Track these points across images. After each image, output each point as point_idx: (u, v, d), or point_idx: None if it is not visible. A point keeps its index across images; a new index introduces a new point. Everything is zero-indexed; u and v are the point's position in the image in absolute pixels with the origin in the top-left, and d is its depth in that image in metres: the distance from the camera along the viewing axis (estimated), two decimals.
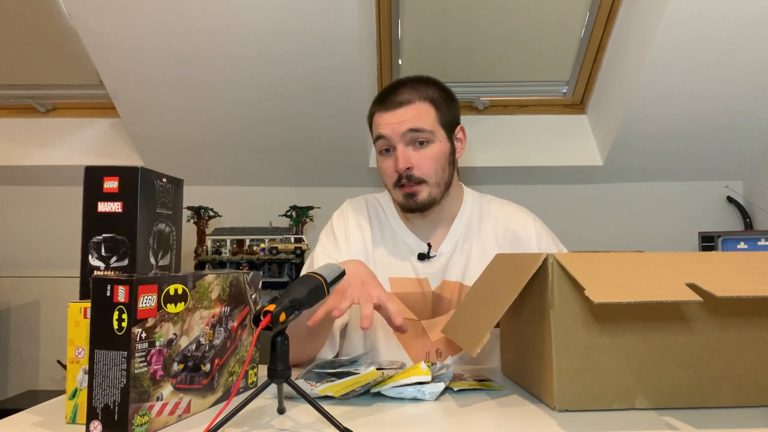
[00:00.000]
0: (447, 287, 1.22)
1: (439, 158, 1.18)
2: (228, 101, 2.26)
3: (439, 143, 1.18)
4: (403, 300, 1.22)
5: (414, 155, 1.16)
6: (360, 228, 1.28)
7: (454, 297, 1.21)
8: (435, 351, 1.20)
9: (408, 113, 1.16)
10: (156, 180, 0.88)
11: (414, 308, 1.21)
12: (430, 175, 1.17)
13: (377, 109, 1.21)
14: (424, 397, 0.88)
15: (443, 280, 1.23)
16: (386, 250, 1.26)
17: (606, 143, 2.41)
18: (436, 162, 1.17)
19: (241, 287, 0.92)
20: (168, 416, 0.76)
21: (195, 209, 2.36)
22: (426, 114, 1.17)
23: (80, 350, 0.78)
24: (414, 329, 1.21)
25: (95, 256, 0.84)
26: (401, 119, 1.16)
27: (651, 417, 0.81)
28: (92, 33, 2.02)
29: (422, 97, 1.18)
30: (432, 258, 1.23)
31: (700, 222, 2.44)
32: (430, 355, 1.20)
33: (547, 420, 0.82)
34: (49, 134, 2.57)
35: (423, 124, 1.16)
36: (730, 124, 2.25)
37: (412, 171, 1.16)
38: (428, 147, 1.17)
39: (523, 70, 2.45)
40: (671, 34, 1.90)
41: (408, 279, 1.23)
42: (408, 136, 1.16)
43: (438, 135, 1.18)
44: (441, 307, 1.21)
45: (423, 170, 1.16)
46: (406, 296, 1.22)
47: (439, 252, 1.24)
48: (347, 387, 0.85)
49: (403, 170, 1.15)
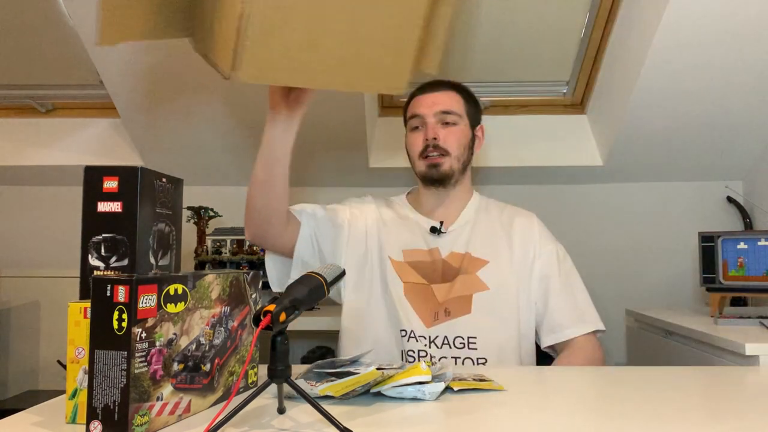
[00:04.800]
0: (454, 256, 1.38)
1: (463, 138, 1.39)
2: (228, 101, 2.26)
3: (464, 127, 1.40)
4: (414, 267, 1.36)
5: (442, 130, 1.37)
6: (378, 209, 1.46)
7: (461, 265, 1.36)
8: (444, 311, 1.32)
9: (442, 96, 1.39)
10: (156, 180, 0.88)
11: (425, 274, 1.36)
12: (453, 148, 1.37)
13: (415, 93, 1.44)
14: (424, 397, 0.88)
15: (451, 251, 1.38)
16: (400, 228, 1.43)
17: (606, 143, 2.41)
18: (459, 140, 1.38)
19: (241, 287, 0.92)
20: (168, 416, 0.76)
21: (195, 209, 2.36)
22: (457, 101, 1.40)
23: (80, 350, 0.78)
24: (424, 293, 1.34)
25: (95, 256, 0.84)
26: (435, 100, 1.38)
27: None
28: (92, 33, 2.02)
29: (455, 88, 1.43)
30: (443, 233, 1.40)
31: (700, 222, 2.43)
32: (439, 315, 1.32)
33: (548, 419, 0.82)
34: (49, 134, 2.56)
35: (454, 108, 1.38)
36: (730, 124, 2.25)
37: (438, 141, 1.36)
38: (455, 126, 1.38)
39: (523, 70, 2.45)
40: (671, 34, 1.90)
41: (419, 250, 1.39)
42: (439, 116, 1.37)
43: (464, 120, 1.40)
44: (448, 273, 1.36)
45: (448, 143, 1.36)
46: (416, 264, 1.37)
47: (450, 230, 1.41)
48: (347, 387, 0.85)
49: (431, 139, 1.35)
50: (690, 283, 2.48)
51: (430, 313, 1.32)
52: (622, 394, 0.95)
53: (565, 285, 1.39)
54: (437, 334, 1.30)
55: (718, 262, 1.84)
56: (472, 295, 1.33)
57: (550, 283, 1.38)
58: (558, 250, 1.43)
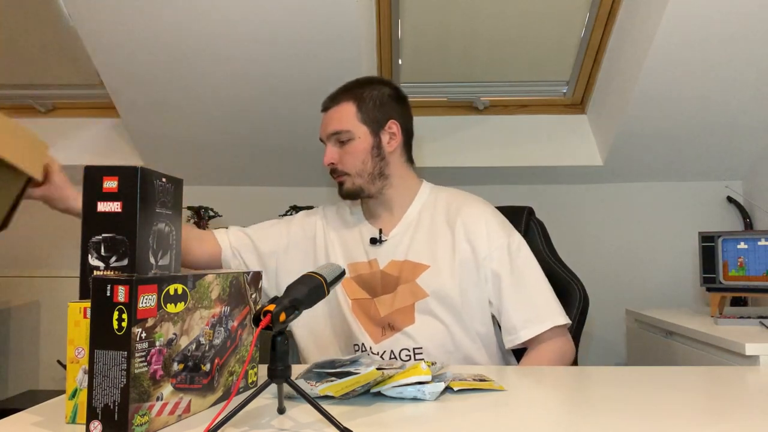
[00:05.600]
0: (393, 265, 1.34)
1: (361, 153, 1.34)
2: (228, 101, 2.26)
3: (360, 139, 1.34)
4: (357, 282, 1.35)
5: (337, 152, 1.35)
6: (325, 221, 1.46)
7: (401, 273, 1.32)
8: (387, 325, 1.31)
9: (334, 114, 1.36)
10: (155, 180, 0.88)
11: (368, 288, 1.34)
12: (351, 168, 1.34)
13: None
14: (424, 397, 0.88)
15: (391, 260, 1.35)
16: (344, 239, 1.42)
17: (606, 143, 2.41)
18: (357, 157, 1.34)
19: (241, 287, 0.92)
20: (168, 416, 0.76)
21: (195, 209, 2.36)
22: (348, 113, 1.35)
23: (80, 350, 0.78)
24: (368, 308, 1.33)
25: (95, 256, 0.84)
26: (327, 120, 1.37)
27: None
28: (92, 33, 2.02)
29: (348, 97, 1.36)
30: (383, 242, 1.37)
31: (700, 222, 2.43)
32: (385, 330, 1.30)
33: (547, 420, 0.82)
34: (49, 134, 2.54)
35: (342, 125, 1.34)
36: (730, 124, 2.25)
37: (336, 166, 1.35)
38: (349, 144, 1.34)
39: (523, 70, 2.45)
40: (671, 34, 1.90)
41: (361, 263, 1.37)
42: (333, 137, 1.35)
43: (359, 131, 1.34)
44: (389, 284, 1.33)
45: (345, 165, 1.34)
46: (359, 278, 1.36)
47: (390, 236, 1.38)
48: (347, 387, 0.85)
49: (327, 165, 1.35)
50: (690, 283, 2.48)
51: (376, 328, 1.31)
52: (622, 394, 0.95)
53: (517, 283, 1.30)
54: (384, 349, 1.29)
55: (719, 262, 1.84)
56: (413, 304, 1.29)
57: (501, 283, 1.30)
58: (510, 243, 1.33)
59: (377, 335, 1.30)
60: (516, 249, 1.33)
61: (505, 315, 1.30)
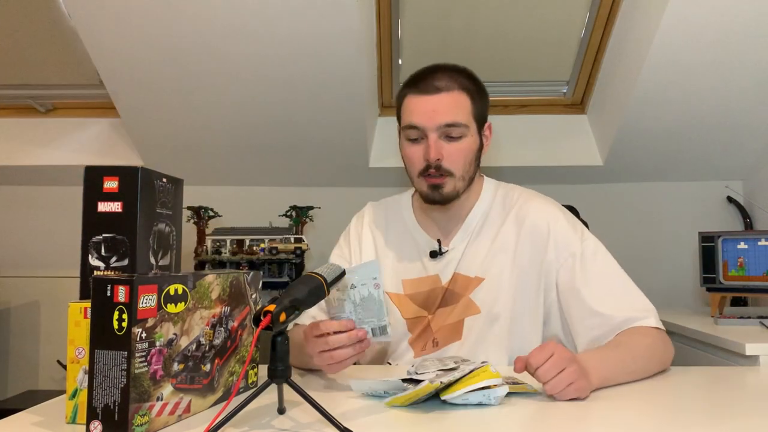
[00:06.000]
0: (459, 281, 1.20)
1: (469, 153, 1.17)
2: (228, 101, 2.26)
3: (471, 137, 1.17)
4: (413, 300, 1.22)
5: (446, 147, 1.14)
6: (373, 233, 1.30)
7: (467, 291, 1.19)
8: (432, 341, 1.20)
9: (444, 101, 1.14)
10: (156, 180, 0.88)
11: (425, 305, 1.21)
12: (458, 169, 1.15)
13: (411, 91, 1.17)
14: (490, 402, 0.85)
15: (455, 273, 1.21)
16: (398, 252, 1.26)
17: (606, 143, 2.41)
18: (466, 156, 1.16)
19: (241, 287, 0.92)
20: (168, 416, 0.76)
21: (195, 209, 2.36)
22: (463, 105, 1.15)
23: (80, 350, 0.78)
24: (422, 325, 1.21)
25: (95, 256, 0.84)
26: (437, 107, 1.13)
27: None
28: (92, 33, 2.02)
29: (460, 86, 1.16)
30: (444, 254, 1.22)
31: (700, 222, 2.43)
32: (427, 346, 1.20)
33: (547, 419, 0.82)
34: (49, 134, 2.56)
35: (459, 118, 1.14)
36: (730, 124, 2.25)
37: (442, 162, 1.14)
38: (461, 141, 1.15)
39: (523, 70, 2.45)
40: (671, 34, 1.90)
41: (419, 279, 1.23)
42: (442, 130, 1.14)
43: (471, 129, 1.17)
44: (449, 299, 1.20)
45: (453, 163, 1.15)
46: (417, 296, 1.22)
47: (452, 246, 1.23)
48: (408, 399, 0.84)
49: (434, 161, 1.13)
50: (690, 283, 2.48)
51: (421, 342, 1.21)
52: (621, 393, 0.95)
53: (598, 287, 1.14)
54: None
55: (718, 262, 1.84)
56: (463, 320, 1.18)
57: (578, 295, 1.13)
58: (584, 250, 1.17)
59: (418, 349, 1.20)
60: (592, 255, 1.17)
61: (587, 311, 1.12)
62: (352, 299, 0.95)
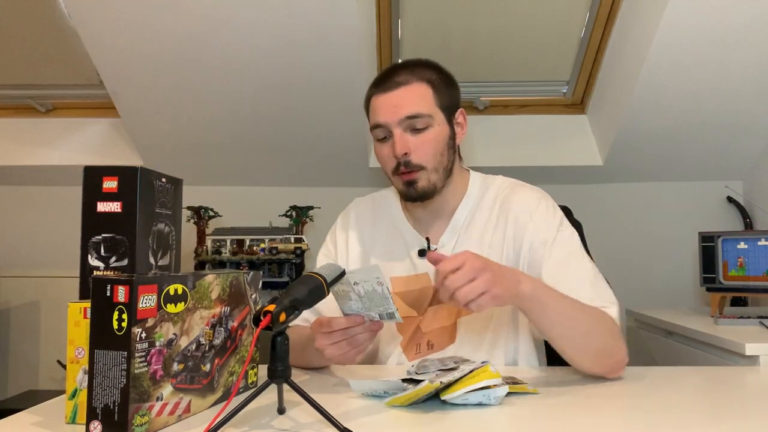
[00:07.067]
0: None
1: (438, 143, 1.15)
2: (228, 101, 2.26)
3: (438, 127, 1.15)
4: (403, 298, 1.20)
5: (412, 140, 1.13)
6: (360, 230, 1.29)
7: None
8: (426, 342, 1.18)
9: (404, 94, 1.13)
10: (155, 180, 0.88)
11: (415, 305, 1.20)
12: (428, 161, 1.14)
13: (374, 91, 1.17)
14: (490, 402, 0.84)
15: None
16: (386, 249, 1.25)
17: (606, 143, 2.41)
18: (434, 147, 1.14)
19: (241, 287, 0.92)
20: (168, 416, 0.76)
21: (195, 209, 2.36)
22: (424, 96, 1.14)
23: (80, 350, 0.78)
24: (411, 324, 1.19)
25: (95, 256, 0.84)
26: (398, 102, 1.13)
27: None
28: (92, 33, 2.02)
29: (420, 78, 1.15)
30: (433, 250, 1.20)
31: (700, 222, 2.43)
32: (421, 347, 1.18)
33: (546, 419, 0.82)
34: (49, 134, 2.56)
35: (421, 109, 1.13)
36: (730, 124, 2.25)
37: (410, 157, 1.13)
38: (426, 132, 1.14)
39: (523, 70, 2.45)
40: (671, 34, 1.90)
41: (408, 277, 1.21)
42: (405, 123, 1.12)
43: (436, 118, 1.15)
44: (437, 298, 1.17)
45: (422, 156, 1.13)
46: (406, 294, 1.20)
47: (440, 243, 1.21)
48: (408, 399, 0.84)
49: (401, 156, 1.12)
50: (690, 283, 2.48)
51: (413, 345, 1.19)
52: (621, 393, 0.95)
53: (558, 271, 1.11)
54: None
55: (718, 262, 1.84)
56: (456, 321, 1.17)
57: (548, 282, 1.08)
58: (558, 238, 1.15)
59: (411, 352, 1.18)
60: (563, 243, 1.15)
61: None
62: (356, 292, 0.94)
